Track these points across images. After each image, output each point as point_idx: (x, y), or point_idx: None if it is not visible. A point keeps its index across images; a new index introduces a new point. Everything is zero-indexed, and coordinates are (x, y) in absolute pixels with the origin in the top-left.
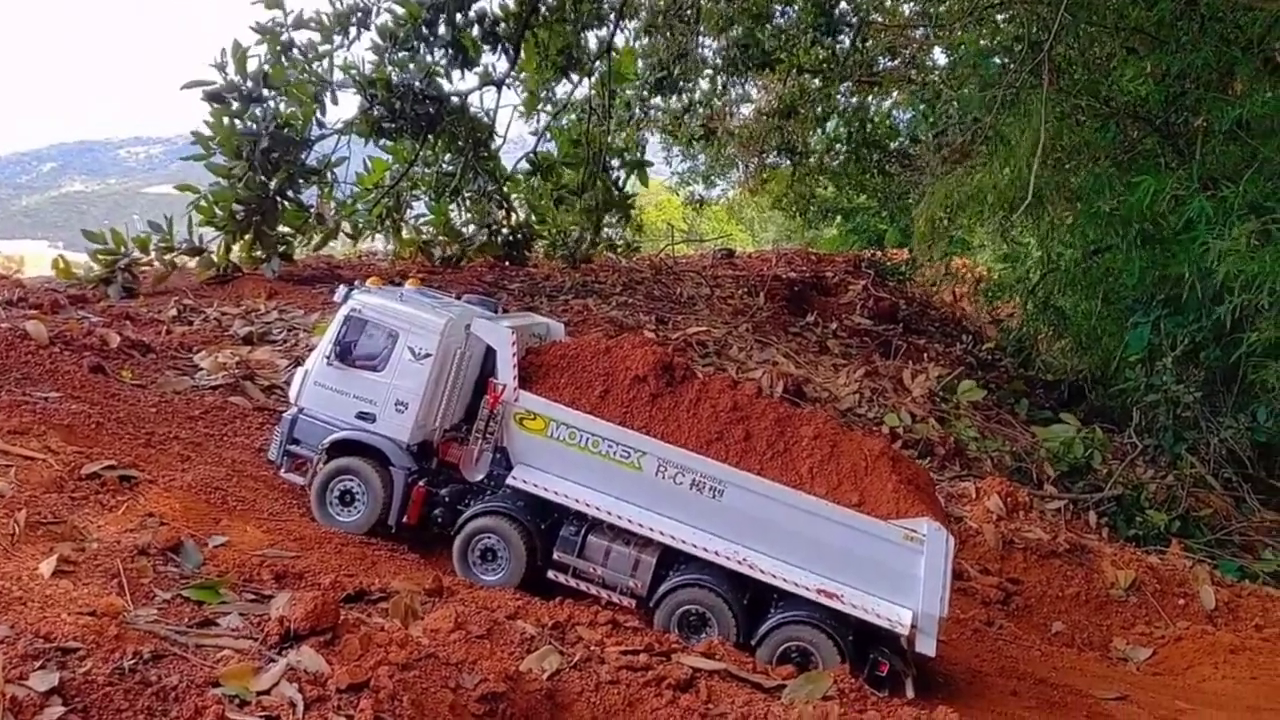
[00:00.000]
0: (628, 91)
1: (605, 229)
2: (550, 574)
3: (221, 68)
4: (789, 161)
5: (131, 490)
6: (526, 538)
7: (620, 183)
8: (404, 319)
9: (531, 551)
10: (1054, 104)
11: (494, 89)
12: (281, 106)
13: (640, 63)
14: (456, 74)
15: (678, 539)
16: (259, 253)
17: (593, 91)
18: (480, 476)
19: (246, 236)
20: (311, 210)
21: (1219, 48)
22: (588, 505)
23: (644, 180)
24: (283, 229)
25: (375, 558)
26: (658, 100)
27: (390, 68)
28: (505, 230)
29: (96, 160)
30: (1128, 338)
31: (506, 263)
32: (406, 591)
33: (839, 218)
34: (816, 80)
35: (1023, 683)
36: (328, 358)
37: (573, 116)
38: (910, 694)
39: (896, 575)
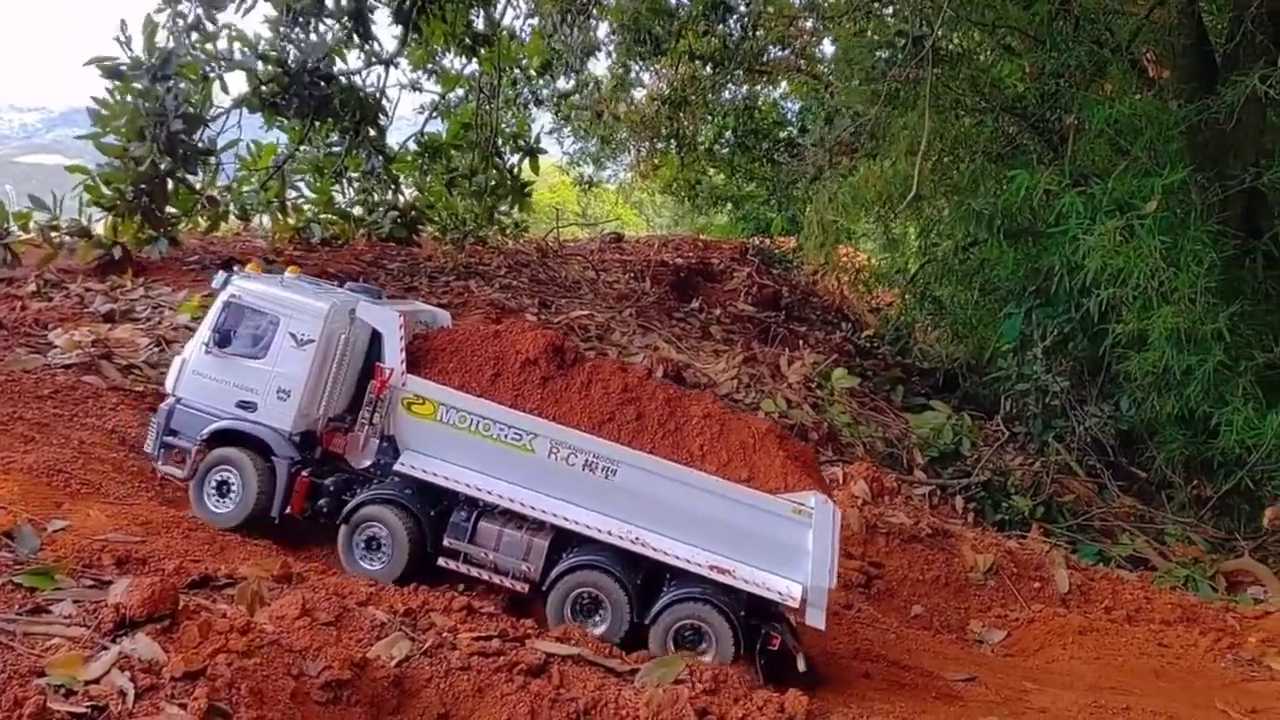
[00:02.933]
0: (515, 71)
1: (498, 215)
2: (441, 561)
3: (126, 43)
4: (676, 147)
5: None
6: (414, 525)
7: (514, 169)
8: (285, 304)
9: (420, 539)
10: (935, 99)
11: (382, 67)
12: (182, 85)
13: (527, 41)
14: (353, 52)
15: (570, 520)
16: (144, 234)
17: (481, 71)
18: (367, 463)
19: (135, 218)
20: (200, 193)
21: (1091, 48)
22: (478, 489)
23: (535, 167)
24: (171, 210)
25: (225, 543)
26: (547, 81)
27: (284, 43)
28: (394, 211)
29: None
30: (1001, 328)
31: (391, 243)
32: (254, 577)
33: (729, 205)
34: (708, 68)
35: (876, 665)
36: (206, 345)
37: (461, 93)
38: (802, 667)
39: (786, 549)
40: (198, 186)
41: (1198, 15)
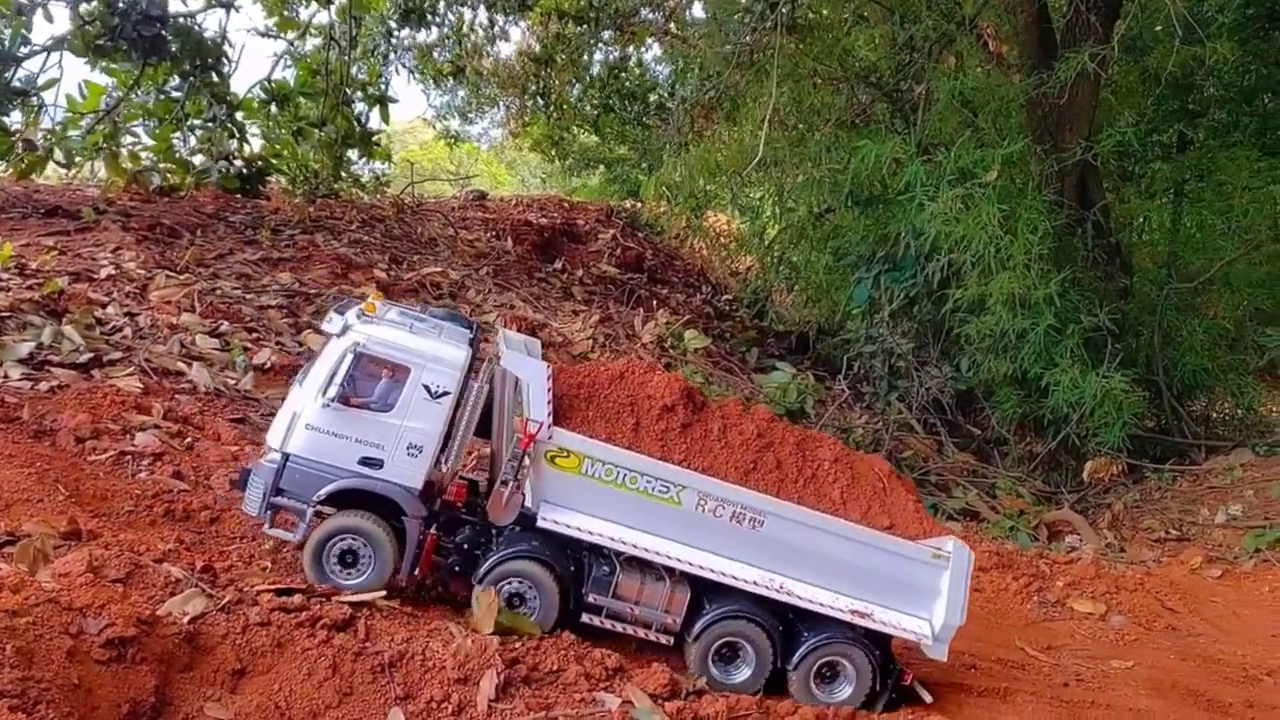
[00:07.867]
0: (375, 23)
1: (349, 165)
2: (585, 617)
3: None
4: (544, 106)
5: None
6: (558, 580)
7: (363, 118)
8: (418, 354)
9: (564, 594)
10: (792, 68)
11: (223, 10)
12: None
13: None
14: None
15: (719, 572)
16: None
17: (335, 19)
18: (509, 520)
19: None
20: (17, 135)
21: (940, 22)
22: (624, 543)
23: (385, 116)
24: None
25: (10, 500)
26: (406, 32)
27: None
28: (238, 161)
29: None
30: (851, 291)
31: (238, 194)
32: (38, 534)
33: (601, 167)
34: (578, 27)
35: None
36: (327, 398)
37: (318, 41)
38: (929, 699)
39: (920, 590)
40: (14, 129)
41: None
